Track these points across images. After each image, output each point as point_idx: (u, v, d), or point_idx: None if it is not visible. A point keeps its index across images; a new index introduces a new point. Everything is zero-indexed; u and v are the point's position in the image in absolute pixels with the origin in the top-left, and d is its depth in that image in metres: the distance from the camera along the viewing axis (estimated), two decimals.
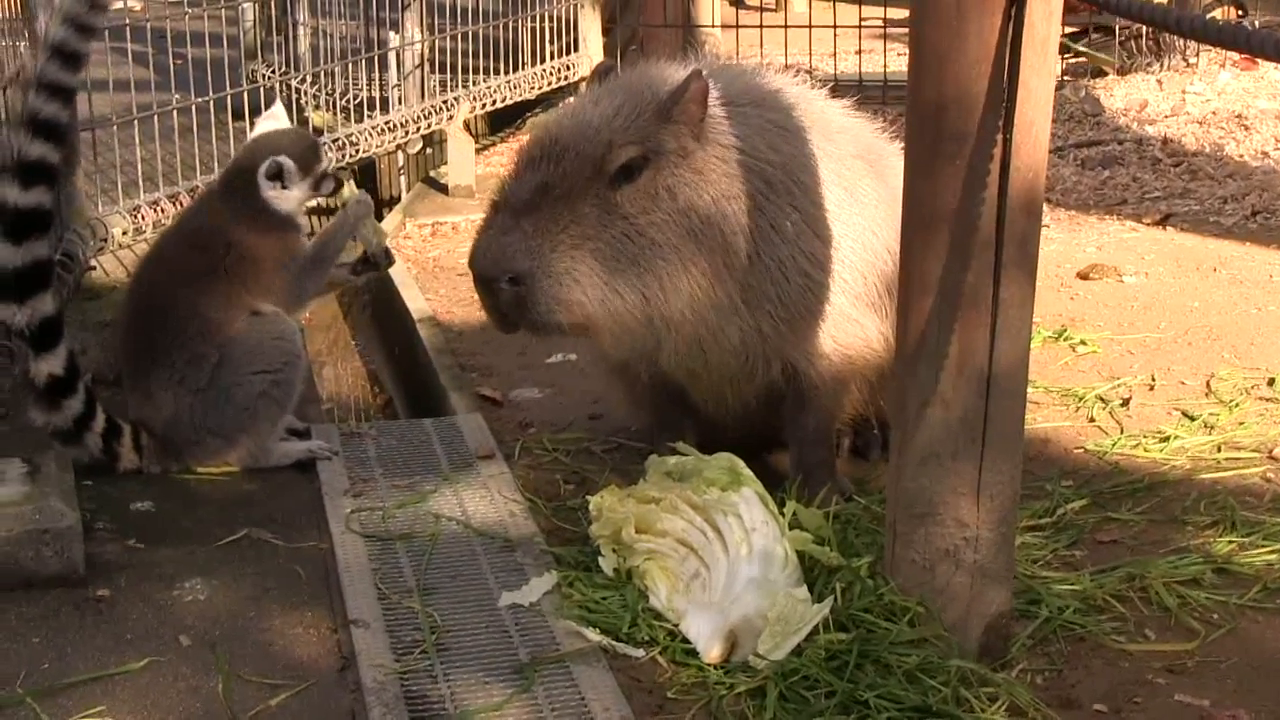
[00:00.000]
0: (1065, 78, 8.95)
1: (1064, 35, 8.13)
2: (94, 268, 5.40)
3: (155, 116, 5.88)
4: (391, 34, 7.70)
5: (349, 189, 4.80)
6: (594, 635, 3.45)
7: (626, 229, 3.82)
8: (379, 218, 7.64)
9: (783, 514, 3.65)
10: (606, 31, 9.29)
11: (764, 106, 4.08)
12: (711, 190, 3.87)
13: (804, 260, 3.98)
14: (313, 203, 4.59)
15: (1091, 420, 4.70)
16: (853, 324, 4.08)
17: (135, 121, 5.82)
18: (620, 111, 3.87)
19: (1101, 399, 4.83)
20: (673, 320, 3.89)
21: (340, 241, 4.50)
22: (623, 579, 3.65)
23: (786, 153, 4.00)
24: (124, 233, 5.55)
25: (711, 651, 3.38)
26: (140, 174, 5.75)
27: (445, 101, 7.78)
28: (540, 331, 3.93)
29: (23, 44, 4.64)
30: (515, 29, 8.47)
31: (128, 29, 6.22)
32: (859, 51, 8.93)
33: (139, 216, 5.67)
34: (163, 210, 5.78)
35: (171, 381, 4.26)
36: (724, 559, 3.52)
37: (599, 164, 3.81)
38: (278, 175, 4.32)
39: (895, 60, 9.05)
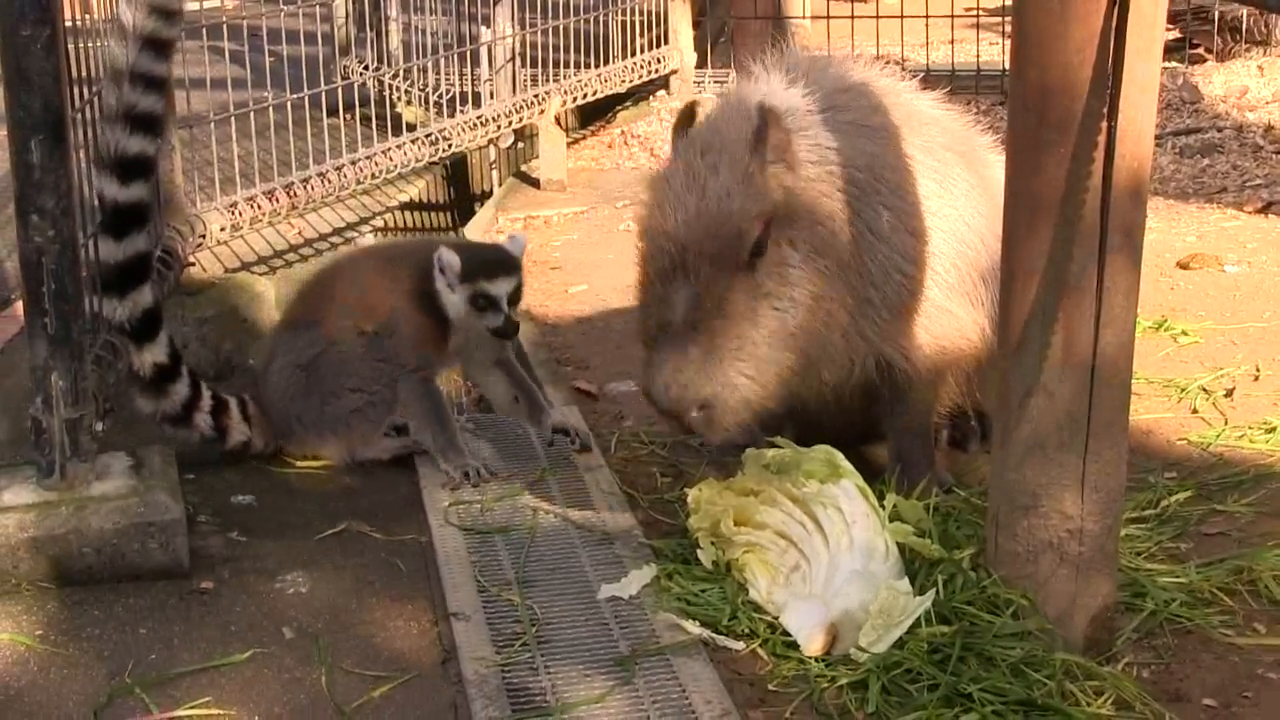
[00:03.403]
0: (1162, 64, 8.83)
1: None
2: (193, 264, 5.45)
3: (251, 114, 5.94)
4: (483, 29, 7.72)
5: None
6: (694, 628, 3.44)
7: (775, 304, 3.70)
8: (470, 213, 7.68)
9: (882, 506, 3.62)
10: (696, 24, 9.28)
11: (850, 109, 3.99)
12: (823, 219, 3.78)
13: (900, 258, 3.94)
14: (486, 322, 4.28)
15: (1194, 411, 4.63)
16: (947, 316, 4.04)
17: (231, 119, 5.88)
18: (727, 183, 3.67)
19: (1204, 390, 4.76)
20: (819, 355, 3.84)
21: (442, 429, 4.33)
22: (722, 571, 3.64)
23: (873, 152, 3.93)
24: (221, 229, 5.61)
25: (813, 644, 3.36)
26: (237, 171, 5.80)
27: (536, 96, 7.79)
28: (730, 438, 3.85)
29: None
30: (605, 22, 8.47)
31: (224, 27, 6.27)
32: (951, 41, 8.86)
33: (236, 213, 5.72)
34: (259, 207, 5.84)
35: (282, 350, 4.37)
36: (824, 551, 3.50)
37: (735, 256, 3.64)
38: (441, 268, 4.25)
39: (988, 49, 8.97)
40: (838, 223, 3.81)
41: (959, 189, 4.08)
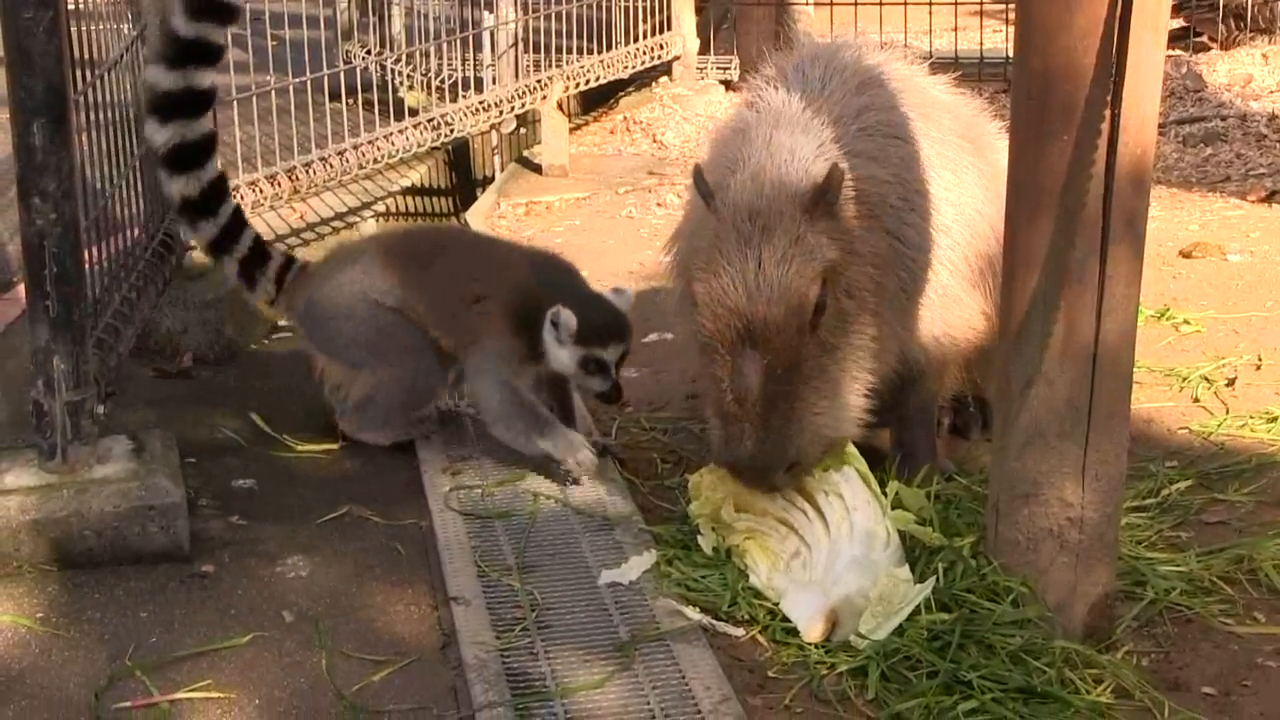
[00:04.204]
0: (1166, 52, 8.81)
1: None
2: (194, 248, 5.44)
3: (253, 98, 5.93)
4: (486, 13, 7.72)
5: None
6: (694, 613, 3.45)
7: (841, 355, 3.69)
8: (472, 198, 7.68)
9: (884, 493, 3.62)
10: (699, 10, 9.27)
11: (871, 109, 3.95)
12: (870, 258, 3.76)
13: (924, 256, 3.93)
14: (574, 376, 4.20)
15: (1196, 400, 4.63)
16: (958, 305, 4.04)
17: (233, 103, 5.87)
18: (782, 248, 3.59)
19: (1206, 379, 4.76)
20: (875, 375, 3.82)
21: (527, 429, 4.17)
22: (722, 557, 3.64)
23: (898, 156, 3.92)
24: None
25: (812, 630, 3.37)
26: (239, 155, 5.79)
27: (539, 81, 7.79)
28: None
29: (125, 26, 4.68)
30: (608, 8, 8.46)
31: None
32: (955, 28, 8.85)
33: (238, 197, 5.70)
34: (261, 191, 5.83)
35: (360, 274, 4.37)
36: (825, 538, 3.50)
37: (800, 322, 3.60)
38: (555, 324, 4.10)
39: (991, 37, 8.96)
40: (879, 253, 3.80)
41: (970, 176, 4.07)
